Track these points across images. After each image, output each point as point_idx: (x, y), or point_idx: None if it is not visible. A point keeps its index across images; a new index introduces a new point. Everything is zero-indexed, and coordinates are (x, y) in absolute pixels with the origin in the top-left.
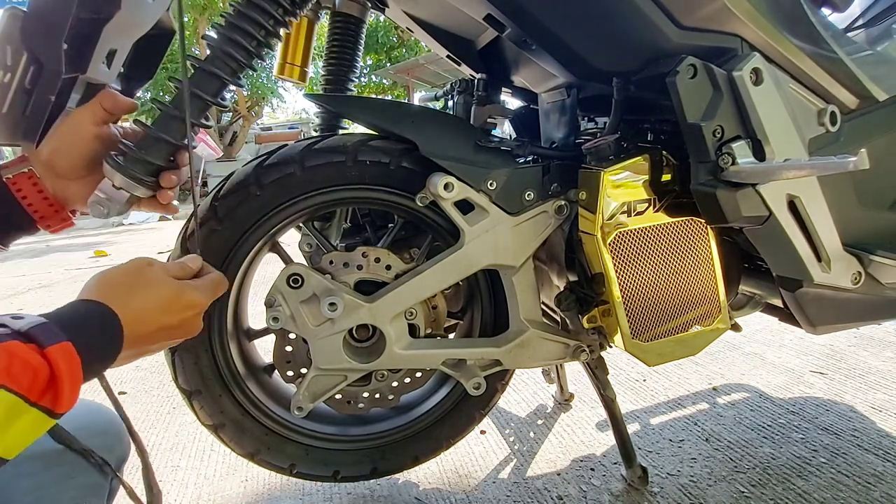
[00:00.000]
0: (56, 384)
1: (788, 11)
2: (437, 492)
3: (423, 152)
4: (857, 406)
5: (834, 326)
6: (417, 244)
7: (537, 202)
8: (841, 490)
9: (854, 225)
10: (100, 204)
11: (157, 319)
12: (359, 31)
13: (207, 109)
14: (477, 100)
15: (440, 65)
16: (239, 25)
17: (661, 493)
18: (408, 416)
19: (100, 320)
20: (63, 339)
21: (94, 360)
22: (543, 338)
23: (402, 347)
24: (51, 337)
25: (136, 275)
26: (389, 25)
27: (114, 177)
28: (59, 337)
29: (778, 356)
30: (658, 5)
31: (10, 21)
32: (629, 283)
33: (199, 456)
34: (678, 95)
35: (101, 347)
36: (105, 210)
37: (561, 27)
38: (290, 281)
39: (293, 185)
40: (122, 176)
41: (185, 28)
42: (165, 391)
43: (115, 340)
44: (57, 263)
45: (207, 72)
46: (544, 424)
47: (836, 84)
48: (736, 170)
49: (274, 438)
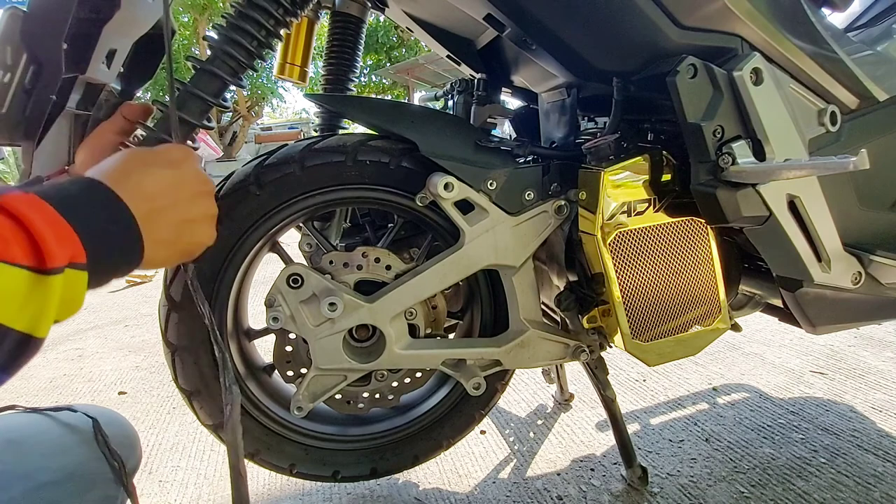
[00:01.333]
0: (34, 238)
1: (788, 11)
2: (437, 492)
3: (423, 152)
4: (857, 406)
5: (834, 326)
6: (417, 244)
7: (537, 202)
8: (841, 490)
9: (854, 225)
10: None
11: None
12: (359, 31)
13: (209, 110)
14: (477, 100)
15: (440, 65)
16: (240, 25)
17: (660, 494)
18: (408, 417)
19: (90, 190)
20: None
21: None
22: (543, 338)
23: (402, 347)
24: (19, 198)
25: (123, 157)
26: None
27: None
28: (27, 197)
29: (778, 356)
30: (658, 5)
31: (9, 21)
32: (629, 283)
33: (199, 456)
34: (678, 95)
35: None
36: None
37: (561, 27)
38: (290, 281)
39: (293, 184)
40: None
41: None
42: (165, 391)
43: (121, 217)
44: None
45: (208, 72)
46: (544, 424)
47: (836, 84)
48: (736, 170)
49: (274, 438)
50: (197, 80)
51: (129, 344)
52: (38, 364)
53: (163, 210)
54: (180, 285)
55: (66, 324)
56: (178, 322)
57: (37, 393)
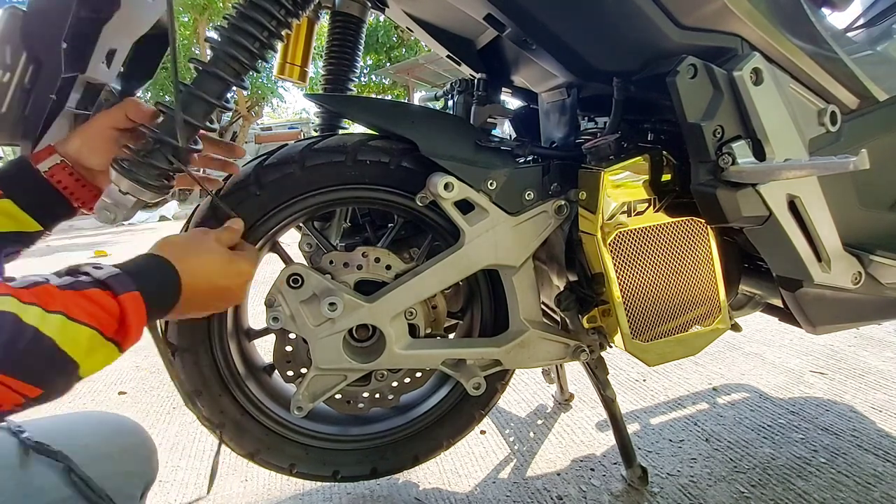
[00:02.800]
0: (125, 325)
1: (788, 11)
2: (437, 492)
3: (423, 152)
4: (857, 406)
5: (834, 326)
6: (417, 244)
7: (537, 202)
8: (841, 490)
9: (854, 225)
10: (107, 209)
11: (211, 280)
12: (359, 31)
13: (212, 112)
14: (477, 100)
15: (440, 65)
16: (241, 27)
17: (660, 494)
18: (408, 416)
19: (161, 273)
20: (133, 288)
21: (155, 306)
22: (543, 338)
23: (402, 347)
24: (123, 286)
25: (195, 241)
26: (389, 25)
27: (120, 182)
28: (129, 287)
29: (778, 356)
30: (658, 5)
31: (9, 20)
32: (629, 283)
33: (199, 456)
34: (678, 95)
35: (161, 297)
36: (112, 215)
37: (561, 27)
38: (290, 281)
39: (293, 184)
40: (128, 181)
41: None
42: (165, 391)
43: (174, 292)
44: (57, 264)
45: (211, 74)
46: (544, 424)
47: (836, 84)
48: (736, 170)
49: (274, 438)
50: (200, 82)
51: None
52: None
53: (205, 300)
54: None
55: None
56: (179, 323)
57: None
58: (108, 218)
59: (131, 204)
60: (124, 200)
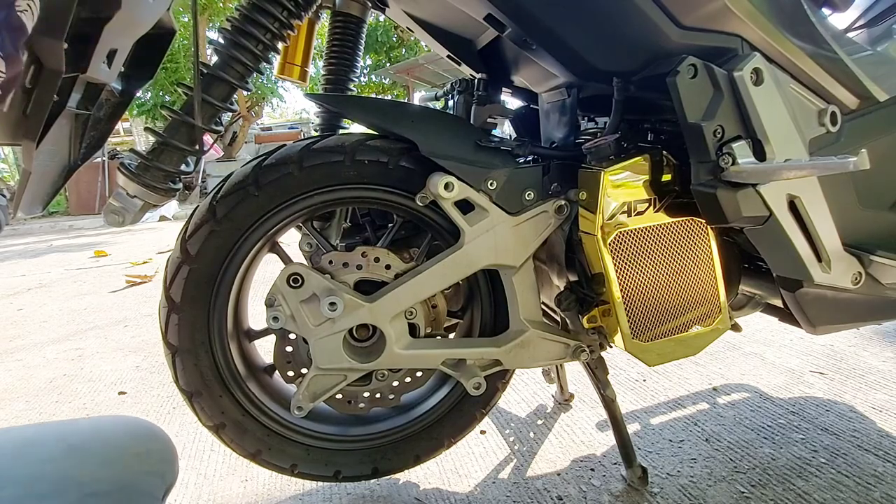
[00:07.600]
0: None
1: (789, 11)
2: (437, 492)
3: (423, 152)
4: (857, 406)
5: (834, 326)
6: (417, 244)
7: (537, 202)
8: (841, 490)
9: (854, 225)
10: (115, 213)
11: None
12: (359, 31)
13: (218, 115)
14: (477, 100)
15: (440, 65)
16: (245, 30)
17: (660, 494)
18: (408, 416)
19: None
20: None
21: None
22: (543, 338)
23: (402, 347)
24: None
25: None
26: (389, 25)
27: (128, 186)
28: None
29: (778, 356)
30: (658, 5)
31: None
32: (629, 283)
33: (199, 456)
34: (678, 95)
35: None
36: (120, 219)
37: (561, 27)
38: (290, 281)
39: (292, 185)
40: (136, 185)
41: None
42: (165, 391)
43: None
44: (57, 263)
45: (216, 77)
46: (544, 424)
47: (836, 84)
48: (736, 170)
49: (275, 439)
50: (205, 86)
51: (129, 344)
52: (37, 364)
53: None
54: (180, 286)
55: (67, 324)
56: (179, 323)
57: (37, 393)
58: (117, 221)
59: (139, 207)
60: (132, 204)
